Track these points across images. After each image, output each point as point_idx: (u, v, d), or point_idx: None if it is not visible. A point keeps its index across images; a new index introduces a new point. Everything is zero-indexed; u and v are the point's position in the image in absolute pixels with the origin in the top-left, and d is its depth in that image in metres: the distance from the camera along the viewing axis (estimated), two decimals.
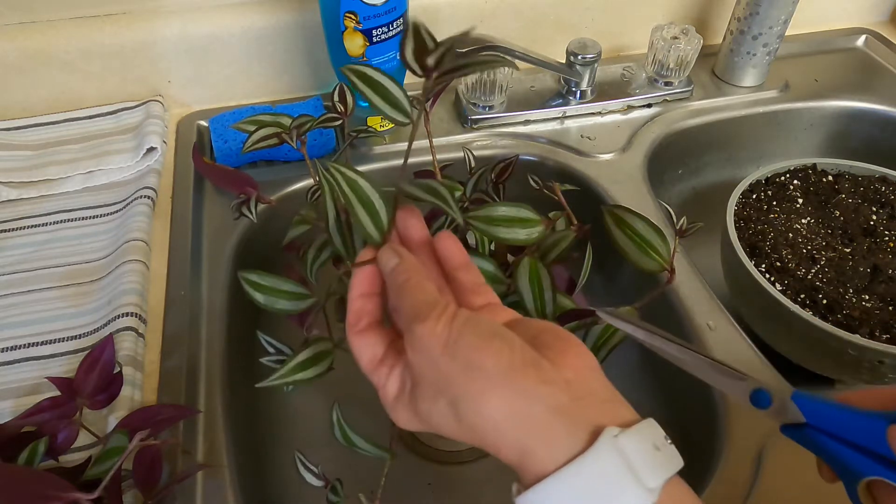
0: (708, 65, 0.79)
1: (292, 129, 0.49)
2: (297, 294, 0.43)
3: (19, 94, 0.69)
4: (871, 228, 0.62)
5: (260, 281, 0.43)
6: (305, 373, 0.41)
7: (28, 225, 0.61)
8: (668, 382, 0.61)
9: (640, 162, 0.69)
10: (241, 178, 0.48)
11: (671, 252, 0.41)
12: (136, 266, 0.56)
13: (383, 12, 0.60)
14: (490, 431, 0.28)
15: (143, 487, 0.41)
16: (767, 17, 0.71)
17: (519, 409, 0.27)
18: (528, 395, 0.27)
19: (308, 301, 0.43)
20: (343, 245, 0.39)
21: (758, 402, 0.34)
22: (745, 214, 0.63)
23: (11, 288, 0.56)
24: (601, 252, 0.49)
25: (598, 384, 0.30)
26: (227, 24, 0.69)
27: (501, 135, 0.71)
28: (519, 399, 0.27)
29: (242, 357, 0.57)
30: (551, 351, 0.30)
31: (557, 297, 0.42)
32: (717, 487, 0.46)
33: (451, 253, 0.35)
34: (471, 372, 0.28)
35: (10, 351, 0.51)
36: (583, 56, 0.69)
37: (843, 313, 0.55)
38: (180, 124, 0.72)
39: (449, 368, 0.28)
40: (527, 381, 0.28)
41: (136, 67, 0.70)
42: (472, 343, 0.28)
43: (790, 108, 0.77)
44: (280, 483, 0.58)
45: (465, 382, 0.28)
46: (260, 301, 0.43)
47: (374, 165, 0.68)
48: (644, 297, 0.42)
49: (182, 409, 0.48)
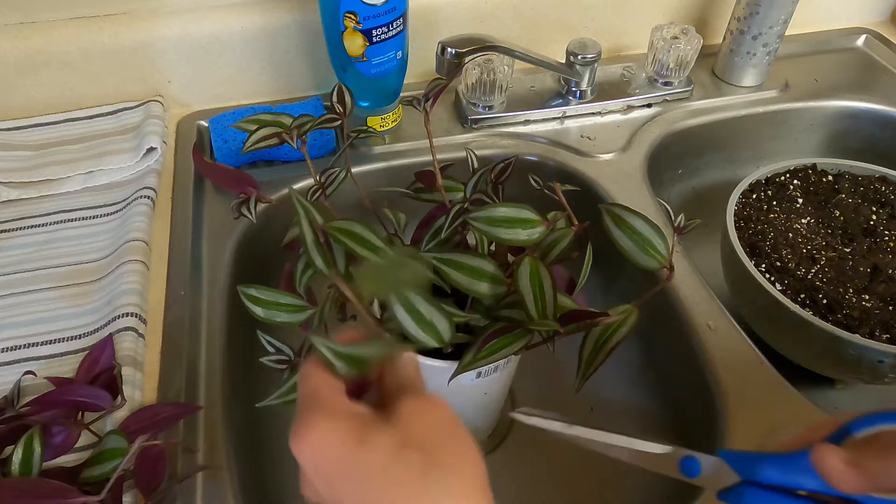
0: (708, 65, 0.79)
1: (293, 129, 0.49)
2: (297, 307, 0.44)
3: (19, 94, 0.69)
4: (871, 228, 0.62)
5: (259, 295, 0.43)
6: None
7: (28, 225, 0.61)
8: (668, 383, 0.61)
9: (639, 162, 0.69)
10: (241, 177, 0.48)
11: (670, 250, 0.41)
12: (136, 266, 0.56)
13: (383, 12, 0.60)
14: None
15: (144, 488, 0.41)
16: (767, 17, 0.71)
17: None
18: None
19: (307, 312, 0.44)
20: (325, 265, 0.39)
21: (687, 470, 0.33)
22: (745, 214, 0.63)
23: (11, 288, 0.56)
24: (601, 252, 0.49)
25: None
26: (227, 24, 0.69)
27: (501, 135, 0.71)
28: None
29: (242, 357, 0.57)
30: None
31: (558, 297, 0.42)
32: None
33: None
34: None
35: (10, 351, 0.51)
36: (583, 56, 0.69)
37: (843, 313, 0.55)
38: (180, 124, 0.72)
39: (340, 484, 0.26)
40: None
41: (136, 67, 0.70)
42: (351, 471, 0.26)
43: (790, 108, 0.77)
44: (280, 483, 0.58)
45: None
46: (260, 315, 0.43)
47: (374, 165, 0.68)
48: (643, 296, 0.42)
49: (182, 406, 0.48)
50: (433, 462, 0.26)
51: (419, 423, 0.27)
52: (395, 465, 0.26)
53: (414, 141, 0.70)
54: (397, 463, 0.26)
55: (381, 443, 0.26)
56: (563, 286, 0.47)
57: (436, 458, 0.26)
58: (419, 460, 0.26)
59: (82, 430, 0.45)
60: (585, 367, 0.41)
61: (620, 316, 0.41)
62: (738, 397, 0.50)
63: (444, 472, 0.26)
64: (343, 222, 0.39)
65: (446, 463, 0.26)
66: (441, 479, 0.26)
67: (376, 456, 0.26)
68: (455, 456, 0.27)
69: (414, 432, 0.27)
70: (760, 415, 0.49)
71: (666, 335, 0.59)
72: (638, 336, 0.63)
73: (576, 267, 0.46)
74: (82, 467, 0.42)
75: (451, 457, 0.27)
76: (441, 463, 0.26)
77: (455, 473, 0.26)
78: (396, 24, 0.61)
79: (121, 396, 0.46)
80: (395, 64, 0.65)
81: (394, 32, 0.62)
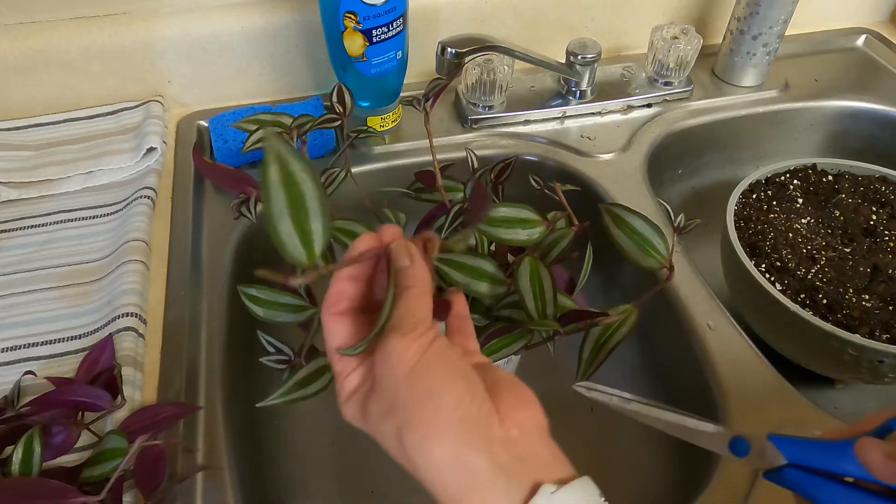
0: (708, 65, 0.79)
1: (293, 128, 0.49)
2: (297, 306, 0.44)
3: (19, 94, 0.69)
4: (871, 228, 0.62)
5: (259, 295, 0.43)
6: (306, 389, 0.41)
7: (28, 225, 0.61)
8: (668, 383, 0.61)
9: (639, 162, 0.69)
10: (241, 177, 0.48)
11: (670, 250, 0.41)
12: (136, 266, 0.56)
13: (383, 12, 0.60)
14: (430, 472, 0.28)
15: (144, 488, 0.41)
16: (767, 17, 0.71)
17: (462, 463, 0.27)
18: (474, 449, 0.27)
19: (307, 312, 0.43)
20: (325, 264, 0.39)
21: (737, 450, 0.35)
22: (745, 214, 0.63)
23: (11, 288, 0.56)
24: (601, 252, 0.49)
25: (540, 444, 0.30)
26: (227, 24, 0.69)
27: (501, 135, 0.71)
28: (464, 453, 0.27)
29: (242, 357, 0.57)
30: (503, 403, 0.30)
31: (558, 297, 0.42)
32: (715, 489, 0.46)
33: (458, 299, 0.36)
34: (427, 403, 0.28)
35: (10, 351, 0.51)
36: (583, 56, 0.69)
37: (843, 313, 0.55)
38: (180, 124, 0.72)
39: (408, 392, 0.28)
40: (476, 437, 0.28)
41: (136, 67, 0.70)
42: (438, 375, 0.29)
43: (790, 108, 0.77)
44: (280, 483, 0.58)
45: (417, 412, 0.28)
46: (260, 315, 0.43)
47: (374, 165, 0.68)
48: (643, 296, 0.42)
49: (183, 406, 0.48)
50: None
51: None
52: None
53: (414, 141, 0.70)
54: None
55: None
56: (563, 286, 0.47)
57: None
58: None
59: (82, 430, 0.45)
60: (585, 367, 0.41)
61: (620, 316, 0.41)
62: (738, 397, 0.50)
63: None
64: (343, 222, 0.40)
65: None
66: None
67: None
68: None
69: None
70: (760, 415, 0.49)
71: (666, 335, 0.59)
72: (638, 336, 0.63)
73: (576, 267, 0.46)
74: (82, 467, 0.42)
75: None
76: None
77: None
78: (396, 24, 0.61)
79: (121, 396, 0.46)
80: (395, 64, 0.65)
81: (394, 32, 0.62)
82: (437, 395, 0.28)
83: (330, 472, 0.44)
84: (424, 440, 0.28)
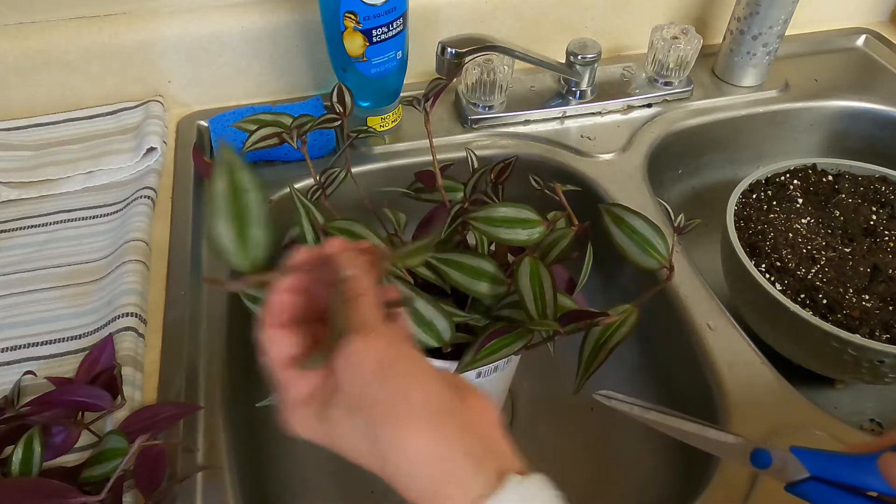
0: (708, 65, 0.79)
1: (293, 129, 0.49)
2: None
3: (19, 94, 0.69)
4: (871, 228, 0.62)
5: (259, 295, 0.43)
6: None
7: (28, 225, 0.61)
8: (668, 383, 0.61)
9: (640, 162, 0.69)
10: None
11: (670, 250, 0.41)
12: (136, 266, 0.56)
13: (383, 12, 0.60)
14: (403, 466, 0.28)
15: (144, 488, 0.41)
16: (767, 17, 0.71)
17: (439, 454, 0.27)
18: (449, 440, 0.28)
19: None
20: None
21: (759, 462, 0.35)
22: (745, 214, 0.63)
23: (11, 288, 0.56)
24: (601, 252, 0.49)
25: (501, 437, 0.30)
26: (227, 24, 0.69)
27: (501, 135, 0.71)
28: (441, 444, 0.28)
29: (242, 357, 0.57)
30: (468, 396, 0.30)
31: (558, 297, 0.42)
32: (715, 490, 0.46)
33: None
34: (400, 399, 0.28)
35: (10, 351, 0.51)
36: (583, 56, 0.69)
37: (843, 313, 0.55)
38: (180, 124, 0.72)
39: (378, 389, 0.28)
40: (451, 428, 0.28)
41: (136, 67, 0.70)
42: (408, 371, 0.29)
43: (790, 108, 0.77)
44: (280, 483, 0.58)
45: (391, 407, 0.28)
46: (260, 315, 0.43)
47: (374, 165, 0.68)
48: (643, 296, 0.42)
49: (183, 406, 0.48)
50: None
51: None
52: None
53: (414, 141, 0.70)
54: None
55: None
56: (563, 286, 0.47)
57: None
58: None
59: (82, 430, 0.45)
60: (585, 368, 0.41)
61: (620, 316, 0.41)
62: (738, 397, 0.50)
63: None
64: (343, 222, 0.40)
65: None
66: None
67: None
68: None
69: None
70: (760, 415, 0.49)
71: (666, 335, 0.59)
72: (638, 336, 0.63)
73: (576, 267, 0.46)
74: (82, 467, 0.42)
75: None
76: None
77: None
78: (396, 24, 0.61)
79: (121, 396, 0.46)
80: (395, 64, 0.65)
81: (394, 32, 0.62)
82: (409, 390, 0.28)
83: (330, 472, 0.44)
84: (399, 433, 0.28)
